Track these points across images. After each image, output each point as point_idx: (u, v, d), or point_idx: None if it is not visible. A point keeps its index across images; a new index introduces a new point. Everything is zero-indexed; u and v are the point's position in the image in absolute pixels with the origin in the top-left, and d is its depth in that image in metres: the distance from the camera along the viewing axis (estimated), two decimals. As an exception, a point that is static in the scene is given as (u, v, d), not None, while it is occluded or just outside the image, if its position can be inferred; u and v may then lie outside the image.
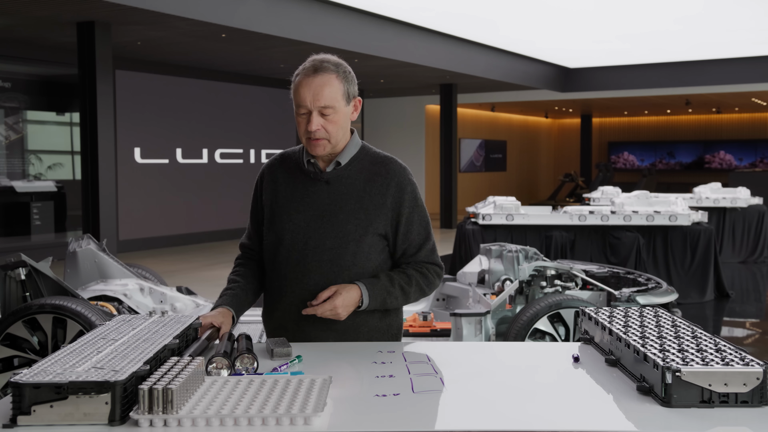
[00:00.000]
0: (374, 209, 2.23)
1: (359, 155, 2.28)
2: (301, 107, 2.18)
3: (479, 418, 1.60)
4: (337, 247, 2.21)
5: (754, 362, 1.64)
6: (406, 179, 2.28)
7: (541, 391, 1.79)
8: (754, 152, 24.21)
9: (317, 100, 2.16)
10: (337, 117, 2.18)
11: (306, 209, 2.25)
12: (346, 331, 2.25)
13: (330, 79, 2.17)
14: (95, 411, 1.48)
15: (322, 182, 2.26)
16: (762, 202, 11.07)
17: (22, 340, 4.28)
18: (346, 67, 2.23)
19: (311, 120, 2.17)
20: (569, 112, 24.73)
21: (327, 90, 2.16)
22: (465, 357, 2.12)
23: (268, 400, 1.56)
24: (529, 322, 4.52)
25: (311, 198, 2.26)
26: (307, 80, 2.17)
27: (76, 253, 5.20)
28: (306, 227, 2.24)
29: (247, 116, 14.39)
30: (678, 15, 11.75)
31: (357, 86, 2.25)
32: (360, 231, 2.22)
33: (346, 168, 2.26)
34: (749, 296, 8.64)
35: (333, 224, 2.22)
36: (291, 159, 2.34)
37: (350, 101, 2.22)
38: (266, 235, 2.33)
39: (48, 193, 11.59)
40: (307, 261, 2.22)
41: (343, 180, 2.25)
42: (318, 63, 2.20)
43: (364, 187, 2.24)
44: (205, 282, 9.27)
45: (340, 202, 2.23)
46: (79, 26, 9.03)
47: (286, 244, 2.26)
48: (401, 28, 11.87)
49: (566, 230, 8.04)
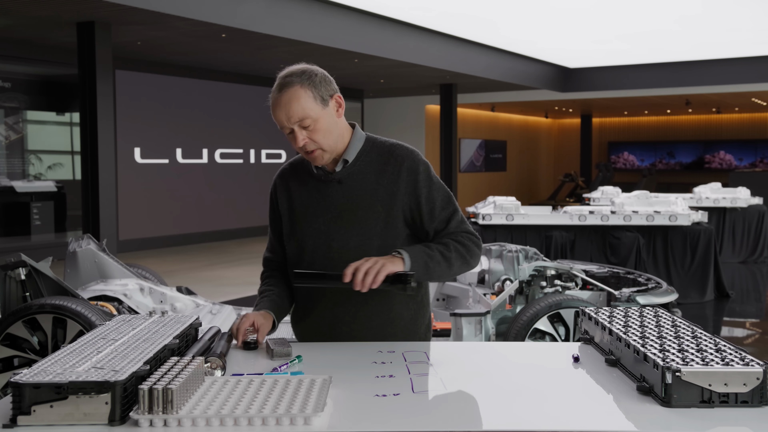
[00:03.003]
0: (390, 199, 2.21)
1: (366, 148, 2.27)
2: (283, 127, 2.19)
3: (479, 418, 1.60)
4: (362, 245, 2.21)
5: (754, 362, 1.64)
6: (416, 160, 2.25)
7: (541, 391, 1.79)
8: (754, 152, 24.21)
9: (291, 117, 2.14)
10: (319, 124, 2.16)
11: (324, 212, 2.25)
12: (383, 328, 2.24)
13: (295, 92, 2.13)
14: (95, 411, 1.48)
15: (334, 183, 2.25)
16: (762, 202, 11.07)
17: (22, 340, 4.28)
18: (311, 72, 2.17)
19: (296, 136, 2.16)
20: (569, 112, 24.73)
21: (295, 104, 2.13)
22: (465, 357, 2.12)
23: (268, 400, 1.56)
24: (529, 322, 4.52)
25: (327, 200, 2.25)
26: (277, 101, 2.16)
27: (76, 253, 5.20)
28: (327, 230, 2.24)
29: (247, 116, 14.39)
30: (678, 15, 11.74)
31: (332, 84, 2.20)
32: (381, 224, 2.21)
33: (355, 164, 2.25)
34: (749, 296, 8.64)
35: (353, 222, 2.22)
36: (300, 165, 2.34)
37: (327, 103, 2.17)
38: (288, 244, 2.32)
39: (48, 193, 11.58)
40: (335, 263, 2.19)
41: (354, 176, 2.24)
42: (282, 80, 2.17)
43: (376, 179, 2.23)
44: (205, 282, 9.27)
45: (356, 200, 2.23)
46: (79, 26, 9.03)
47: (309, 249, 2.26)
48: (401, 28, 11.87)
49: (566, 230, 8.04)
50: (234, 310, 5.25)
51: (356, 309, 2.22)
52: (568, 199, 22.10)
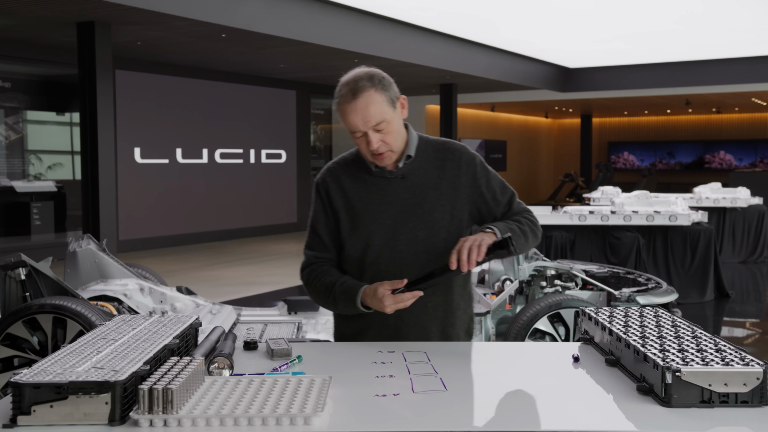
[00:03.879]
0: (453, 192, 2.29)
1: (421, 145, 2.33)
2: (356, 132, 2.19)
3: (479, 418, 1.60)
4: (430, 237, 2.26)
5: (754, 362, 1.64)
6: (470, 154, 2.35)
7: (541, 391, 1.79)
8: (754, 152, 24.21)
9: (368, 122, 2.16)
10: (392, 126, 2.20)
11: (388, 207, 2.28)
12: (446, 318, 2.31)
13: (371, 96, 2.16)
14: (95, 411, 1.48)
15: (397, 179, 2.29)
16: (762, 202, 11.07)
17: (22, 340, 4.28)
18: (380, 75, 2.22)
19: (370, 140, 2.18)
20: (569, 112, 24.73)
21: (372, 108, 2.16)
22: (465, 357, 2.12)
23: (267, 400, 1.56)
24: (529, 322, 4.52)
25: (390, 196, 2.28)
26: (351, 106, 2.16)
27: (76, 253, 5.20)
28: (394, 224, 2.27)
29: (247, 116, 14.39)
30: (678, 15, 11.75)
31: (396, 86, 2.25)
32: (447, 216, 2.28)
33: (416, 160, 2.30)
34: (749, 296, 8.64)
35: (420, 216, 2.27)
36: (352, 164, 2.34)
37: (396, 105, 2.22)
38: (349, 242, 2.31)
39: (48, 193, 11.58)
40: (403, 256, 2.25)
41: (416, 172, 2.30)
42: (353, 85, 2.17)
43: (437, 174, 2.30)
44: (205, 282, 9.27)
45: (421, 194, 2.28)
46: (79, 26, 9.03)
47: (376, 244, 2.27)
48: (401, 28, 11.87)
49: (566, 230, 8.04)
50: (234, 310, 5.26)
51: (425, 300, 2.24)
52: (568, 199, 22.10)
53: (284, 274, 10.02)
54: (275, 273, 10.15)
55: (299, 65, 12.75)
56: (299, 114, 15.67)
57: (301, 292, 8.81)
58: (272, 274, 10.08)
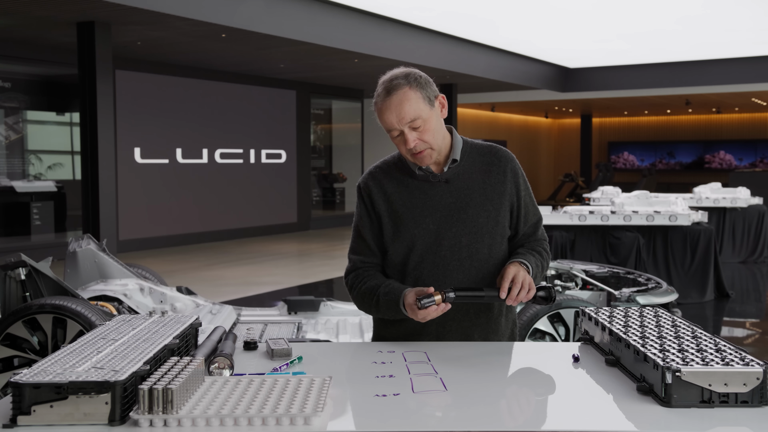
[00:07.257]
0: (498, 198, 2.28)
1: (465, 149, 2.31)
2: (392, 130, 2.19)
3: (479, 418, 1.60)
4: (474, 243, 2.24)
5: (754, 362, 1.64)
6: (517, 164, 2.35)
7: (541, 391, 1.79)
8: (754, 152, 24.21)
9: (402, 119, 2.15)
10: (429, 125, 2.18)
11: (432, 212, 2.25)
12: (488, 324, 2.30)
13: (405, 93, 2.15)
14: (95, 411, 1.48)
15: (441, 183, 2.27)
16: (762, 202, 11.07)
17: (22, 340, 4.28)
18: (416, 74, 2.20)
19: (407, 138, 2.17)
20: (569, 112, 24.73)
21: (406, 105, 2.15)
22: (465, 357, 2.12)
23: (267, 400, 1.56)
24: (529, 322, 4.52)
25: (434, 200, 2.26)
26: (386, 104, 2.16)
27: (76, 253, 5.20)
28: (437, 229, 2.24)
29: (247, 116, 14.39)
30: (678, 15, 11.75)
31: (434, 85, 2.23)
32: (491, 222, 2.26)
33: (461, 164, 2.28)
34: (749, 296, 8.63)
35: (464, 221, 2.25)
36: (394, 167, 2.32)
37: (433, 103, 2.20)
38: (392, 246, 2.28)
39: (48, 193, 11.58)
40: (446, 261, 2.23)
41: (461, 176, 2.27)
42: (388, 83, 2.18)
43: (483, 179, 2.28)
44: (205, 282, 9.27)
45: (465, 198, 2.26)
46: (79, 26, 9.03)
47: (419, 249, 2.25)
48: (401, 28, 11.87)
49: (566, 230, 8.04)
50: (234, 310, 5.26)
51: (467, 306, 2.25)
52: (568, 199, 22.10)
53: (284, 274, 10.02)
54: (275, 273, 10.15)
55: (299, 65, 12.75)
56: (299, 114, 15.67)
57: (301, 292, 8.81)
58: (272, 274, 10.08)
